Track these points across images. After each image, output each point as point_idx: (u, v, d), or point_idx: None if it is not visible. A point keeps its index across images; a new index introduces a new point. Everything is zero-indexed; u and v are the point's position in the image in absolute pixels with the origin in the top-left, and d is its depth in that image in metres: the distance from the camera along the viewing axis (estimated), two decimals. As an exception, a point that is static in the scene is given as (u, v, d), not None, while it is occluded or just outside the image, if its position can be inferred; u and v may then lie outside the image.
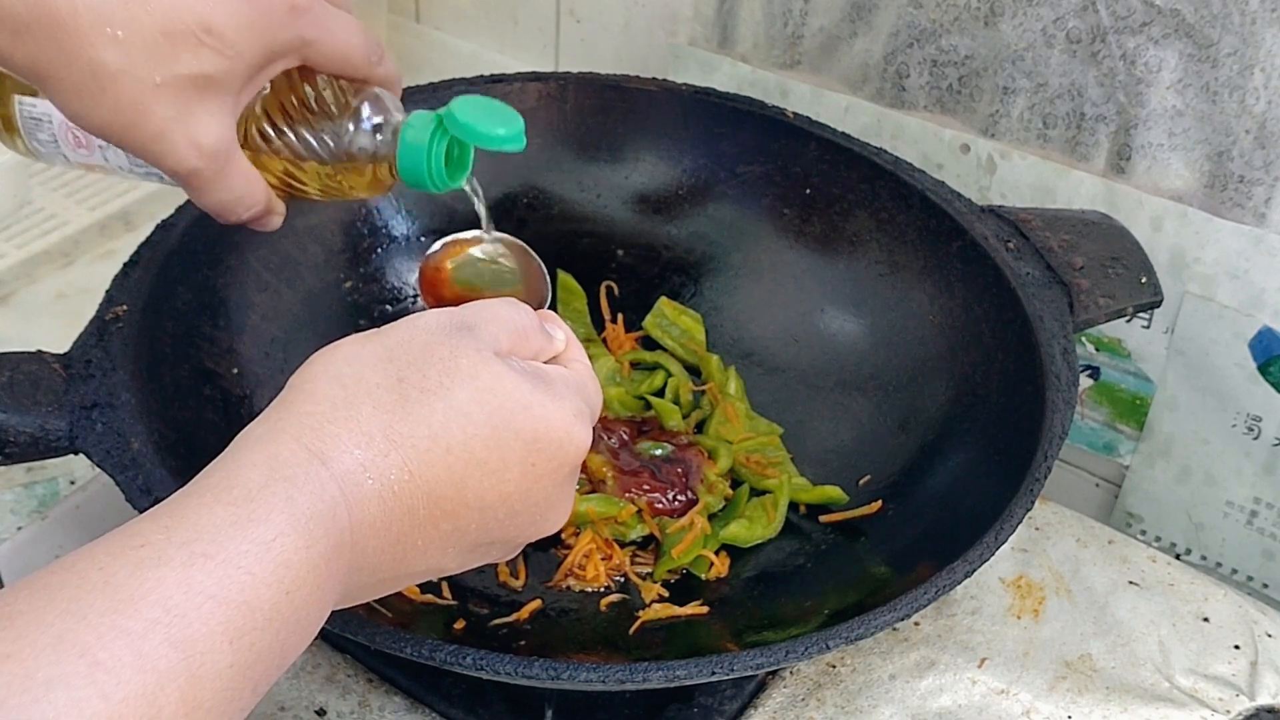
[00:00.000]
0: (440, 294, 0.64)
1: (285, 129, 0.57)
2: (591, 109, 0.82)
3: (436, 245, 0.65)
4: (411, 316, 0.48)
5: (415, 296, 0.80)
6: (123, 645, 0.35)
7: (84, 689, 0.34)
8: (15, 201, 0.89)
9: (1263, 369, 0.79)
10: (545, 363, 0.51)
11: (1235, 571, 0.85)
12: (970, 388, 0.71)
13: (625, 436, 0.74)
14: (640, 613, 0.66)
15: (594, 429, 0.74)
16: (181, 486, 0.58)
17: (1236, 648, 0.70)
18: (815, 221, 0.80)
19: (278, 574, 0.39)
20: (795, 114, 0.80)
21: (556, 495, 0.49)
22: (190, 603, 0.36)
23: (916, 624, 0.70)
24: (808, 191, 0.80)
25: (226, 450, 0.43)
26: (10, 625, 0.35)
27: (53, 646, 0.34)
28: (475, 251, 0.65)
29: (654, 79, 0.83)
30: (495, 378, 0.46)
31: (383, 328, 0.48)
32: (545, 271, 0.64)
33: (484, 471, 0.45)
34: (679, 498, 0.72)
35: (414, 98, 0.80)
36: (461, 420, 0.45)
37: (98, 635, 0.35)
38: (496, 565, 0.68)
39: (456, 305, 0.52)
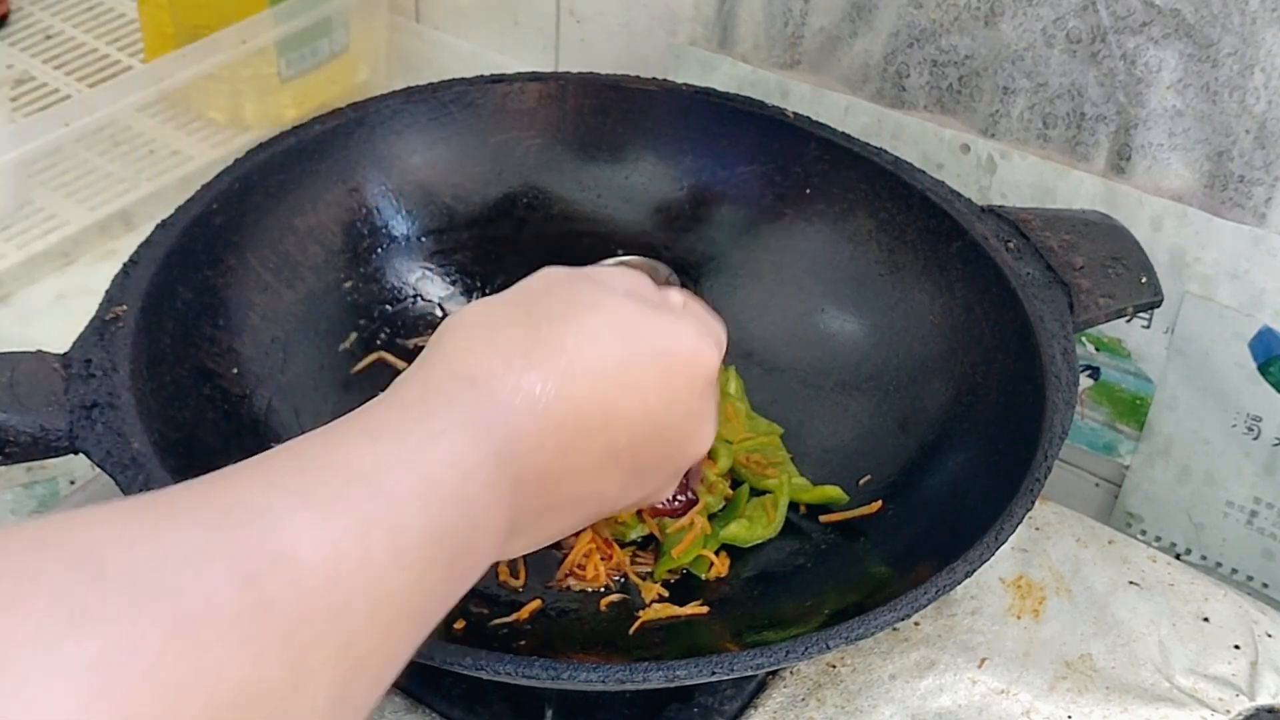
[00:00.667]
0: None
1: None
2: (591, 109, 0.82)
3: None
4: (538, 272, 0.52)
5: (415, 296, 0.80)
6: (328, 492, 0.37)
7: (297, 516, 0.35)
8: (15, 201, 0.89)
9: (1263, 369, 0.79)
10: None
11: (1235, 571, 0.85)
12: (970, 388, 0.71)
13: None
14: (640, 613, 0.66)
15: None
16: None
17: (1236, 648, 0.70)
18: (815, 222, 0.80)
19: (452, 459, 0.41)
20: (795, 114, 0.80)
21: (698, 410, 0.51)
22: (381, 468, 0.39)
23: (916, 624, 0.70)
24: (808, 191, 0.80)
25: (385, 394, 0.46)
26: (218, 481, 0.37)
27: (263, 488, 0.36)
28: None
29: (654, 79, 0.83)
30: (618, 304, 0.49)
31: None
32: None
33: (622, 387, 0.47)
34: (679, 498, 0.72)
35: (414, 98, 0.80)
36: (593, 340, 0.47)
37: (305, 484, 0.37)
38: (496, 565, 0.68)
39: None
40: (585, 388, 0.47)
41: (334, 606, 0.35)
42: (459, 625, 0.64)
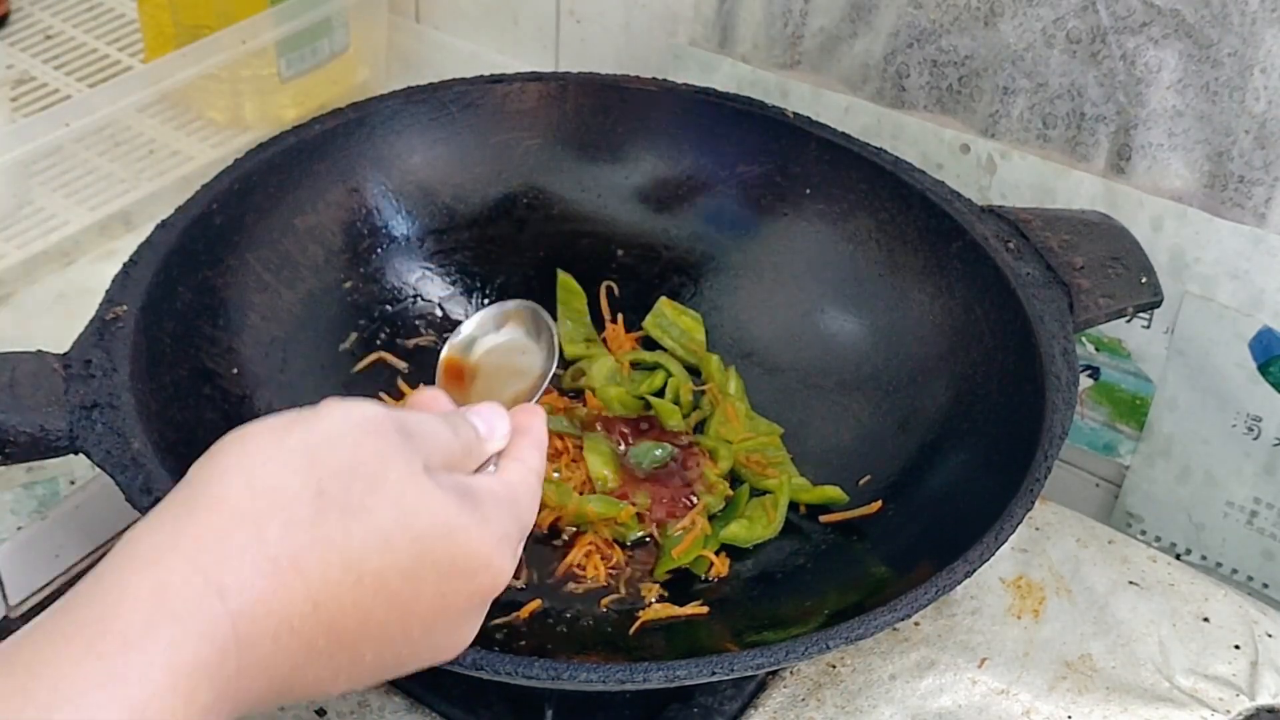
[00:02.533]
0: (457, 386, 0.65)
1: None
2: (591, 109, 0.82)
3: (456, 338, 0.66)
4: (344, 406, 0.43)
5: (415, 296, 0.80)
6: None
7: None
8: (15, 202, 0.89)
9: (1263, 369, 0.79)
10: (490, 464, 0.48)
11: (1235, 571, 0.85)
12: (970, 388, 0.71)
13: (626, 435, 0.74)
14: (640, 613, 0.66)
15: (596, 431, 0.74)
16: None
17: (1237, 648, 0.70)
18: (815, 222, 0.80)
19: (150, 699, 0.35)
20: (795, 114, 0.80)
21: (462, 624, 0.46)
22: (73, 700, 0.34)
23: (916, 624, 0.70)
24: (808, 191, 0.80)
25: (111, 557, 0.38)
26: None
27: None
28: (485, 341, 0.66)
29: (654, 79, 0.83)
30: (421, 497, 0.42)
31: (308, 413, 0.43)
32: (552, 331, 0.65)
33: (394, 603, 0.42)
34: (681, 501, 0.72)
35: (414, 98, 0.80)
36: (380, 548, 0.41)
37: None
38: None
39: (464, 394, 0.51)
40: (350, 602, 0.40)
41: None
42: (459, 625, 0.64)
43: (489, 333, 0.67)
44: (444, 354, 0.66)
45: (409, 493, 0.42)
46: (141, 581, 0.37)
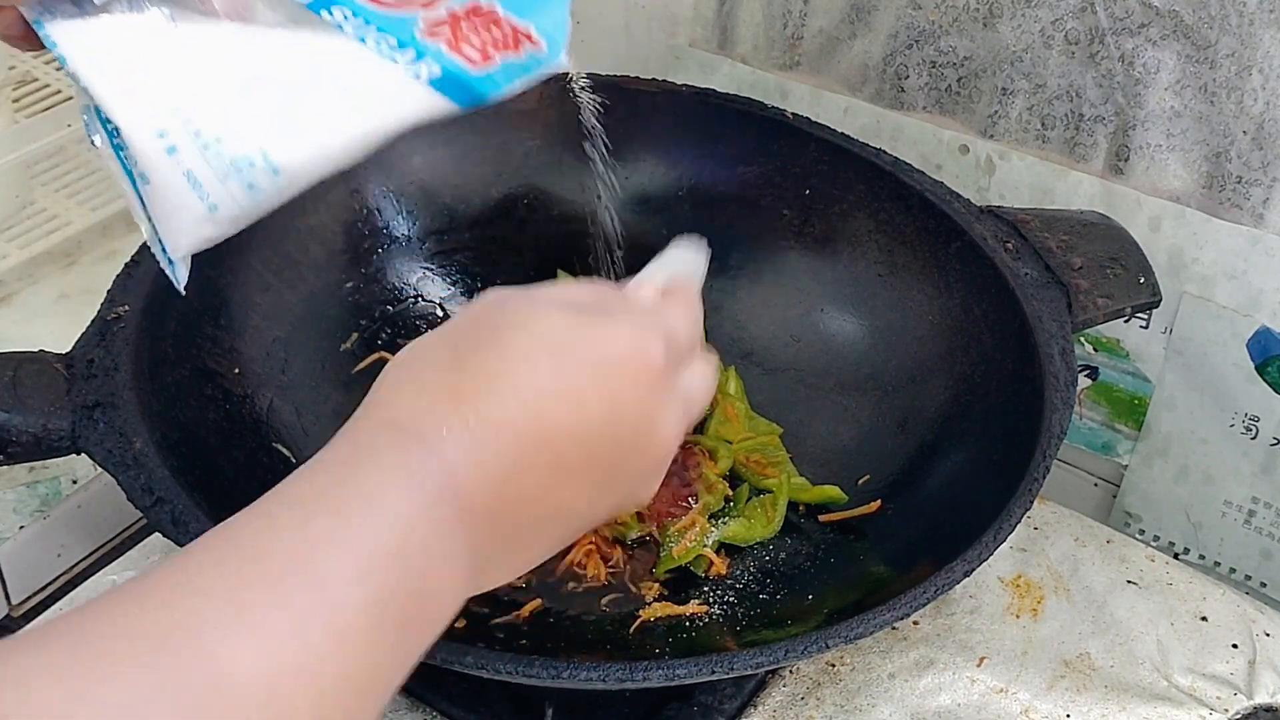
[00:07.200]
0: None
1: None
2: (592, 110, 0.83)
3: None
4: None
5: (416, 297, 0.80)
6: (261, 592, 0.37)
7: (232, 632, 0.35)
8: (18, 202, 0.89)
9: (1260, 369, 0.79)
10: None
11: (1233, 571, 0.85)
12: (969, 388, 0.72)
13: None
14: (640, 612, 0.66)
15: None
16: (183, 486, 0.58)
17: (1235, 647, 0.70)
18: (815, 221, 0.80)
19: (389, 520, 0.40)
20: (795, 115, 0.80)
21: (651, 410, 0.48)
22: (315, 551, 0.38)
23: (915, 623, 0.70)
24: (807, 192, 0.80)
25: (350, 425, 0.45)
26: (150, 595, 0.36)
27: (195, 602, 0.36)
28: None
29: (654, 80, 0.83)
30: (544, 317, 0.47)
31: None
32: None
33: (559, 401, 0.45)
34: (681, 503, 0.72)
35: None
36: (519, 361, 0.45)
37: (237, 588, 0.37)
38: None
39: None
40: (517, 411, 0.45)
41: (279, 714, 0.35)
42: (460, 624, 0.64)
43: None
44: None
45: (530, 318, 0.47)
46: (338, 444, 0.43)
